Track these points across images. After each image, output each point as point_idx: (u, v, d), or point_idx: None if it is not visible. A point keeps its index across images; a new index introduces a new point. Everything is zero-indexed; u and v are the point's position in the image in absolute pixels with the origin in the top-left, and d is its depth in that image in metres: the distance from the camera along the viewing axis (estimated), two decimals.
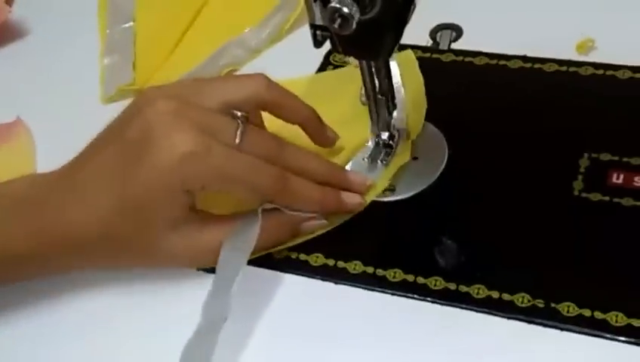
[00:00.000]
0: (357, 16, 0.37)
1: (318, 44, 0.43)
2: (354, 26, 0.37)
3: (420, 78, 0.54)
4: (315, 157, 0.47)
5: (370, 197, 0.48)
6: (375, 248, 0.47)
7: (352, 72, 0.55)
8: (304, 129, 0.48)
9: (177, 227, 0.44)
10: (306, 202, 0.46)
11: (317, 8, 0.39)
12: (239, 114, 0.44)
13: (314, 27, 0.41)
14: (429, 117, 0.52)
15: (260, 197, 0.45)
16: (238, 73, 0.59)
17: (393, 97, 0.49)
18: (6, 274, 0.45)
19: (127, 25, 0.61)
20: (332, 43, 0.42)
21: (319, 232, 0.47)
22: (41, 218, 0.44)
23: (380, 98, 0.48)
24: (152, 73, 0.60)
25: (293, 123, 0.48)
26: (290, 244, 0.47)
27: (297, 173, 0.46)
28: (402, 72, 0.52)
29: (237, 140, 0.43)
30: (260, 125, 0.47)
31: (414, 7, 0.41)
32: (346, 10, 0.37)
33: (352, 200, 0.47)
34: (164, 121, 0.42)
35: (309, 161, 0.47)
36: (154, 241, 0.44)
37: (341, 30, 0.37)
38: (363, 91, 0.48)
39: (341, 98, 0.54)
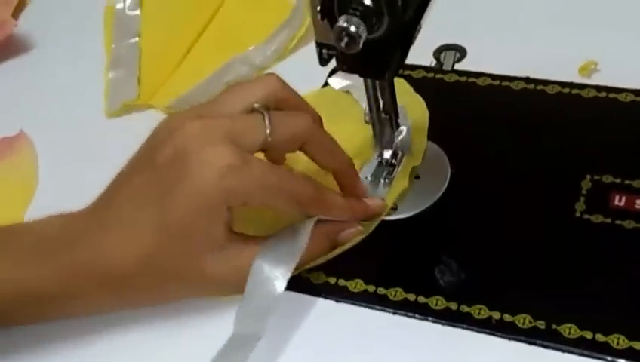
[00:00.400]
0: (364, 35, 0.37)
1: (323, 62, 0.43)
2: (361, 45, 0.37)
3: (421, 102, 0.54)
4: (339, 147, 0.46)
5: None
6: (376, 267, 0.47)
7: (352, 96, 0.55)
8: (337, 178, 0.47)
9: (219, 248, 0.42)
10: (338, 210, 0.45)
11: (324, 27, 0.39)
12: (257, 105, 0.43)
13: (320, 45, 0.42)
14: (432, 136, 0.52)
15: (298, 206, 0.44)
16: None
17: (397, 116, 0.49)
18: (31, 312, 0.44)
19: (132, 40, 0.61)
20: (337, 61, 0.42)
21: (355, 241, 0.47)
22: (75, 256, 0.42)
23: (383, 117, 0.48)
24: (156, 88, 0.60)
25: (323, 167, 0.47)
26: (327, 258, 0.46)
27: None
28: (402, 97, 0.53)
29: (268, 131, 0.42)
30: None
31: (420, 27, 0.41)
32: (353, 29, 0.37)
33: (375, 202, 0.47)
34: (196, 141, 0.41)
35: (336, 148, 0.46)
36: (200, 266, 0.42)
37: (348, 49, 0.37)
38: (367, 110, 0.48)
39: (345, 115, 0.54)
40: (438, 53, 0.59)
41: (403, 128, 0.51)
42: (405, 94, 0.54)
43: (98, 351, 0.45)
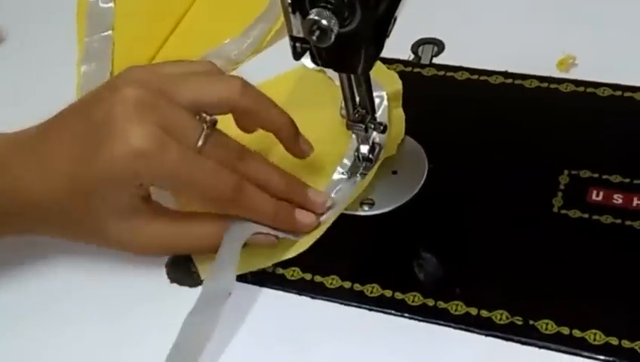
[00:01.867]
0: (336, 29, 0.36)
1: (297, 55, 0.42)
2: (332, 38, 0.37)
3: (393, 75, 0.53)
4: (277, 171, 0.46)
5: (336, 213, 0.47)
6: (353, 263, 0.47)
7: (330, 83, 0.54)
8: (278, 137, 0.47)
9: (125, 216, 0.44)
10: (258, 215, 0.45)
11: (296, 20, 0.39)
12: (208, 118, 0.44)
13: (293, 39, 0.41)
14: (410, 131, 0.52)
15: (211, 204, 0.45)
16: None
17: (374, 110, 0.48)
18: None
19: (105, 33, 0.60)
20: (312, 55, 0.42)
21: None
22: (2, 177, 0.44)
23: (360, 111, 0.48)
24: None
25: (267, 130, 0.47)
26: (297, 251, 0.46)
27: (257, 185, 0.45)
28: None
29: (200, 143, 0.43)
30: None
31: (395, 20, 0.40)
32: (324, 22, 0.36)
33: (305, 219, 0.46)
34: (127, 110, 0.42)
35: (271, 174, 0.46)
36: (101, 226, 0.44)
37: (319, 43, 0.37)
38: (343, 104, 0.48)
39: (321, 109, 0.53)
40: (416, 47, 0.58)
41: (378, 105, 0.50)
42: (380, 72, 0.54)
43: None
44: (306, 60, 0.55)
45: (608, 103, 0.52)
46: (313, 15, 0.36)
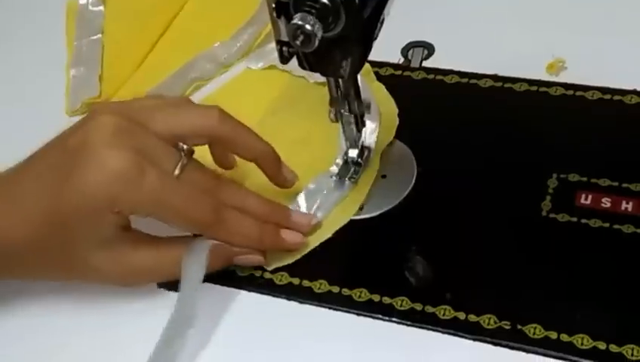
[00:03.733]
0: (319, 33, 0.36)
1: (284, 59, 0.42)
2: (316, 43, 0.37)
3: (384, 90, 0.53)
4: (256, 196, 0.46)
5: (329, 230, 0.47)
6: (341, 267, 0.47)
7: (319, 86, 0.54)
8: (260, 166, 0.46)
9: (105, 246, 0.42)
10: (242, 238, 0.44)
11: (282, 24, 0.39)
12: (185, 147, 0.43)
13: (280, 43, 0.41)
14: (399, 134, 0.52)
15: (193, 229, 0.44)
16: (205, 88, 0.59)
17: (362, 114, 0.48)
18: None
19: (95, 37, 0.60)
20: (299, 59, 0.42)
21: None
22: None
23: (348, 115, 0.47)
24: (119, 86, 0.59)
25: (247, 159, 0.46)
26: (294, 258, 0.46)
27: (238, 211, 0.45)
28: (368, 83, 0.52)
29: (176, 172, 0.42)
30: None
31: (382, 24, 0.40)
32: (308, 27, 0.36)
33: (292, 238, 0.45)
34: (104, 136, 0.41)
35: (250, 199, 0.45)
36: (80, 259, 0.43)
37: (303, 47, 0.37)
38: (331, 108, 0.48)
39: (309, 114, 0.53)
40: (406, 50, 0.58)
41: (369, 126, 0.50)
42: (378, 92, 0.54)
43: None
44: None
45: (597, 107, 0.52)
46: (297, 20, 0.36)
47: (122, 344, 0.44)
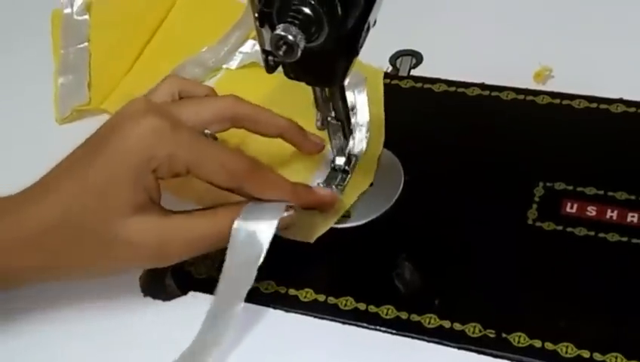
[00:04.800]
0: (302, 44, 0.36)
1: (270, 68, 0.42)
2: (299, 54, 0.37)
3: (381, 100, 0.54)
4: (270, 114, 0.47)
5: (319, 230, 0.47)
6: (327, 275, 0.47)
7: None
8: (286, 139, 0.48)
9: (140, 211, 0.42)
10: (278, 189, 0.44)
11: (266, 34, 0.39)
12: (208, 132, 0.45)
13: (265, 52, 0.41)
14: (386, 143, 0.52)
15: (230, 179, 0.43)
16: None
17: (349, 122, 0.48)
18: None
19: (81, 45, 0.60)
20: (284, 68, 0.42)
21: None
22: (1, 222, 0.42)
23: (335, 123, 0.48)
24: (108, 93, 0.59)
25: (271, 135, 0.48)
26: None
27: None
28: (367, 88, 0.52)
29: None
30: None
31: (367, 32, 0.40)
32: (291, 38, 0.36)
33: (324, 193, 0.47)
34: (135, 110, 0.42)
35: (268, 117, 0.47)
36: (115, 228, 0.42)
37: (286, 57, 0.37)
38: (318, 116, 0.48)
39: (292, 114, 0.53)
40: (394, 59, 0.58)
41: (358, 134, 0.50)
42: (375, 83, 0.54)
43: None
44: None
45: (584, 115, 0.52)
46: (280, 30, 0.36)
47: (106, 353, 0.44)
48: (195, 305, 0.45)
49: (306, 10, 0.36)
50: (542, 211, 0.47)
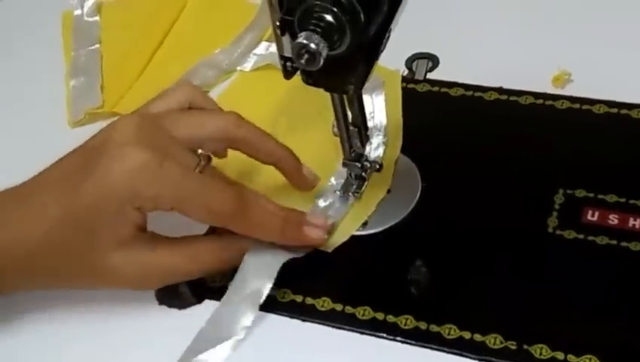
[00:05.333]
0: (325, 52, 0.36)
1: (288, 74, 0.41)
2: (321, 62, 0.36)
3: (399, 103, 0.53)
4: (272, 202, 0.45)
5: (343, 235, 0.47)
6: (344, 284, 0.46)
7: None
8: (279, 169, 0.47)
9: (124, 245, 0.42)
10: (265, 230, 0.44)
11: (286, 41, 0.38)
12: (201, 152, 0.43)
13: (284, 58, 0.40)
14: (403, 148, 0.51)
15: (214, 220, 0.43)
16: (210, 94, 0.58)
17: (366, 128, 0.48)
18: None
19: (93, 47, 0.59)
20: (303, 75, 0.41)
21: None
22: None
23: (352, 129, 0.47)
24: (121, 95, 0.58)
25: (266, 162, 0.46)
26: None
27: None
28: (385, 91, 0.51)
29: (196, 171, 0.42)
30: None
31: (387, 39, 0.40)
32: (313, 46, 0.35)
33: (313, 233, 0.45)
34: (124, 134, 0.41)
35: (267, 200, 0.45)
36: (98, 259, 0.42)
37: (308, 66, 0.36)
38: (334, 122, 0.47)
39: (312, 126, 0.53)
40: (410, 62, 0.57)
41: (375, 140, 0.49)
42: (393, 86, 0.53)
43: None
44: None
45: (604, 121, 0.51)
46: (302, 39, 0.35)
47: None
48: (205, 313, 0.44)
49: (329, 17, 0.35)
50: (562, 219, 0.46)
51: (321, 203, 0.48)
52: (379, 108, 0.51)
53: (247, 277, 0.44)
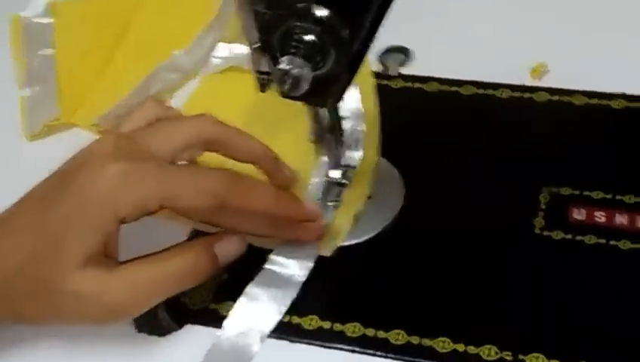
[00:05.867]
0: (309, 77, 0.33)
1: (263, 88, 0.39)
2: (306, 87, 0.34)
3: (375, 106, 0.51)
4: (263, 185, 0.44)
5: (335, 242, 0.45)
6: (331, 300, 0.44)
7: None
8: (259, 166, 0.45)
9: (88, 265, 0.39)
10: (261, 197, 0.42)
11: (265, 58, 0.36)
12: (184, 159, 0.42)
13: (259, 72, 0.38)
14: (382, 151, 0.49)
15: (210, 199, 0.40)
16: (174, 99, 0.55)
17: (341, 134, 0.46)
18: None
19: (46, 52, 0.55)
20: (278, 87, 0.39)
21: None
22: None
23: (328, 136, 0.45)
24: (77, 105, 0.55)
25: (245, 162, 0.44)
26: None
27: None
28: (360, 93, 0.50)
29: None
30: None
31: (367, 51, 0.38)
32: (296, 71, 0.33)
33: (308, 206, 0.44)
34: (101, 152, 0.39)
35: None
36: (60, 281, 0.39)
37: (292, 92, 0.34)
38: (310, 130, 0.45)
39: (287, 130, 0.51)
40: (383, 56, 0.55)
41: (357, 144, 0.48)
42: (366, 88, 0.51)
43: None
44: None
45: (584, 113, 0.50)
46: (284, 65, 0.33)
47: None
48: (193, 337, 0.42)
49: (310, 38, 0.33)
50: (548, 219, 0.45)
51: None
52: (355, 111, 0.49)
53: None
